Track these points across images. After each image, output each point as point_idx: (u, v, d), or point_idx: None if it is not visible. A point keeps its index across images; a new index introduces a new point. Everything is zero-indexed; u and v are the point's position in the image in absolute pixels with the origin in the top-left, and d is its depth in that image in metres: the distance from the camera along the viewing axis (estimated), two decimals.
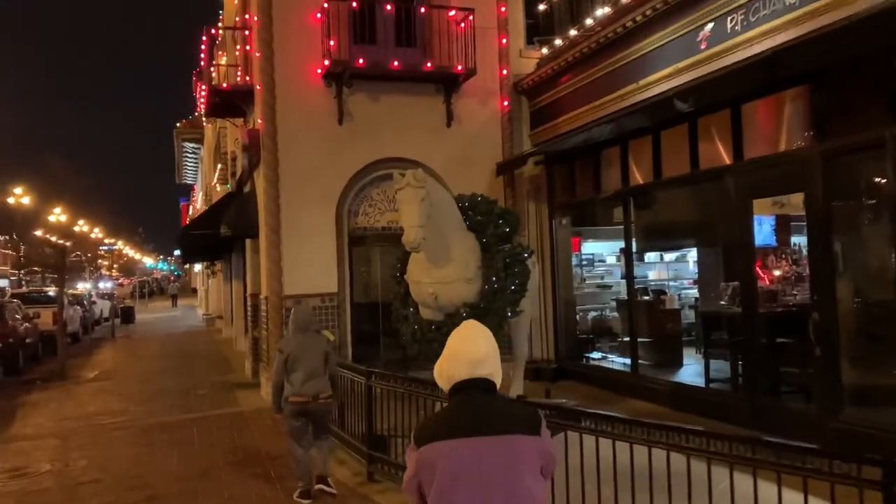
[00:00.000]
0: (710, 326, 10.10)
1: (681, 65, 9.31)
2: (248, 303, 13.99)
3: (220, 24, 16.74)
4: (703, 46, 8.96)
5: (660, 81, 9.63)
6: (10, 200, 38.06)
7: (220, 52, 16.12)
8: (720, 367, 9.62)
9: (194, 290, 64.39)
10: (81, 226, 50.36)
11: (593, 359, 12.00)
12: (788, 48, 7.41)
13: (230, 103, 12.51)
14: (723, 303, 9.84)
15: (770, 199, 9.70)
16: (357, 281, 11.70)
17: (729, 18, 8.52)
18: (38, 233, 44.60)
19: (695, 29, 9.01)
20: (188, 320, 36.33)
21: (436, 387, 3.16)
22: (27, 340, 17.96)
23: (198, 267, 49.30)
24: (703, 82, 8.54)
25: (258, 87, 11.21)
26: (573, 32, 11.40)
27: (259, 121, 11.19)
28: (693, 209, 10.35)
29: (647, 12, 9.58)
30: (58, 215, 43.73)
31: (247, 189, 13.17)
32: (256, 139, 11.12)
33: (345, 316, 11.34)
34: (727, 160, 8.85)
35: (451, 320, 7.04)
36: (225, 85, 12.26)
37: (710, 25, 8.80)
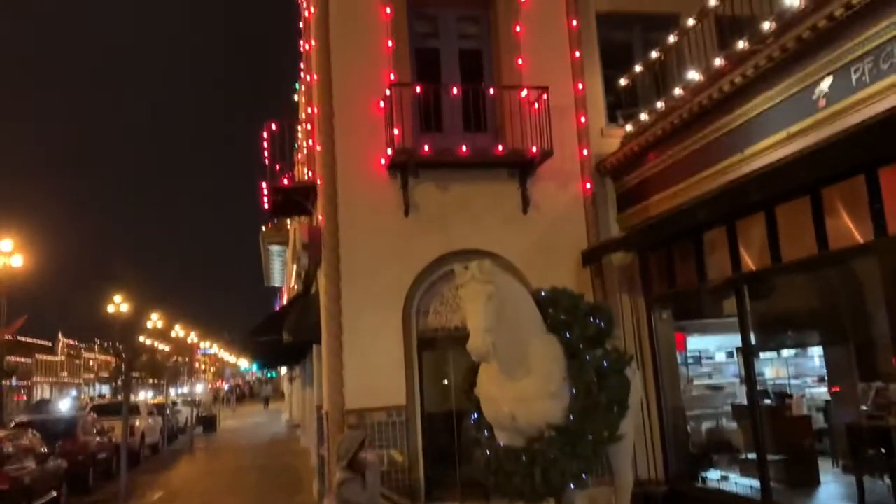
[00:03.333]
0: (858, 439, 8.25)
1: (794, 129, 7.94)
2: (316, 415, 12.91)
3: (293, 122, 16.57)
4: (821, 105, 7.60)
5: (770, 149, 8.26)
6: (110, 308, 39.15)
7: (296, 152, 15.86)
8: (874, 489, 7.76)
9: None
10: (178, 330, 51.60)
11: (711, 479, 10.09)
12: None
13: (293, 201, 11.88)
14: (865, 408, 8.08)
15: None
16: (428, 389, 10.43)
17: (853, 69, 7.16)
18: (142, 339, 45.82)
19: (810, 86, 7.68)
20: (273, 426, 35.60)
21: None
22: (100, 456, 17.35)
23: (283, 370, 49.20)
24: (828, 146, 7.14)
25: (319, 181, 10.50)
26: (660, 105, 10.22)
27: (320, 217, 10.41)
28: (821, 296, 8.72)
29: (748, 72, 8.33)
30: (155, 321, 44.85)
31: (312, 290, 12.33)
32: (317, 236, 10.33)
33: (415, 431, 10.03)
34: (864, 237, 7.29)
35: (534, 446, 5.64)
36: (286, 182, 11.69)
37: (829, 80, 7.46)
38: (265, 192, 11.49)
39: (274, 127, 11.40)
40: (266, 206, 11.93)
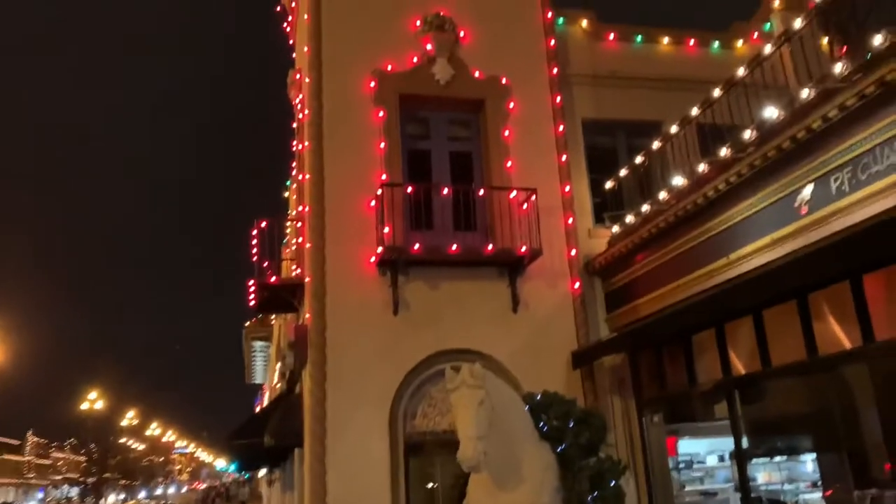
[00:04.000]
0: None
1: (778, 234, 8.11)
2: None
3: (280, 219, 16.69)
4: (803, 212, 7.78)
5: (755, 254, 8.39)
6: (84, 406, 38.12)
7: (284, 248, 15.88)
8: None
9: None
10: (154, 429, 50.11)
11: None
12: None
13: (280, 298, 11.81)
14: None
15: None
16: (415, 496, 10.06)
17: (833, 178, 7.38)
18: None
19: (791, 193, 7.89)
20: None
21: None
22: None
23: (262, 471, 47.50)
24: (812, 254, 7.25)
25: (307, 278, 10.48)
26: (645, 208, 10.43)
27: (307, 315, 10.33)
28: (813, 401, 8.65)
29: (732, 179, 8.57)
30: (130, 419, 43.59)
31: (297, 390, 12.07)
32: (304, 335, 10.20)
33: None
34: (852, 343, 7.31)
35: None
36: (274, 279, 11.64)
37: (810, 188, 7.67)
38: (252, 288, 11.43)
39: (264, 224, 11.46)
40: (252, 303, 11.84)
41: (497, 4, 12.12)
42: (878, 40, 6.69)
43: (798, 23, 8.26)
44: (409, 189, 10.74)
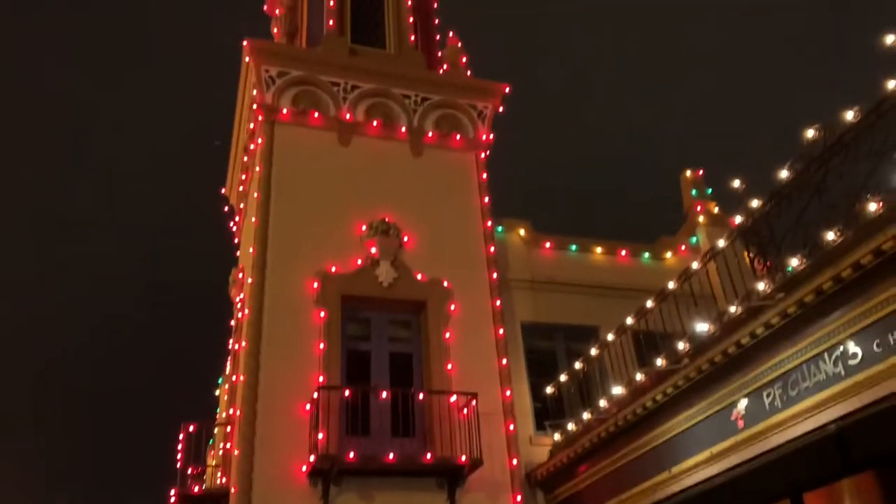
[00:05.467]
0: None
1: (716, 448, 8.06)
2: None
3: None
4: (740, 426, 7.79)
5: (696, 468, 8.26)
6: None
7: (210, 450, 14.94)
8: None
9: None
10: None
11: None
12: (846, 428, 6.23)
13: None
14: None
15: None
16: None
17: (765, 393, 7.49)
18: None
19: (727, 406, 7.95)
20: None
21: None
22: None
23: None
24: (750, 472, 7.20)
25: (233, 489, 9.79)
26: (586, 416, 10.32)
27: None
28: None
29: (668, 390, 8.62)
30: None
31: None
32: None
33: None
34: None
35: None
36: (197, 489, 10.82)
37: (745, 402, 7.75)
38: (173, 499, 10.58)
39: (192, 428, 10.87)
40: None
41: (440, 212, 12.66)
42: (794, 262, 7.12)
43: (721, 242, 8.77)
44: (347, 393, 10.45)
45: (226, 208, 15.97)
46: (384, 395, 10.67)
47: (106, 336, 39.54)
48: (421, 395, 10.97)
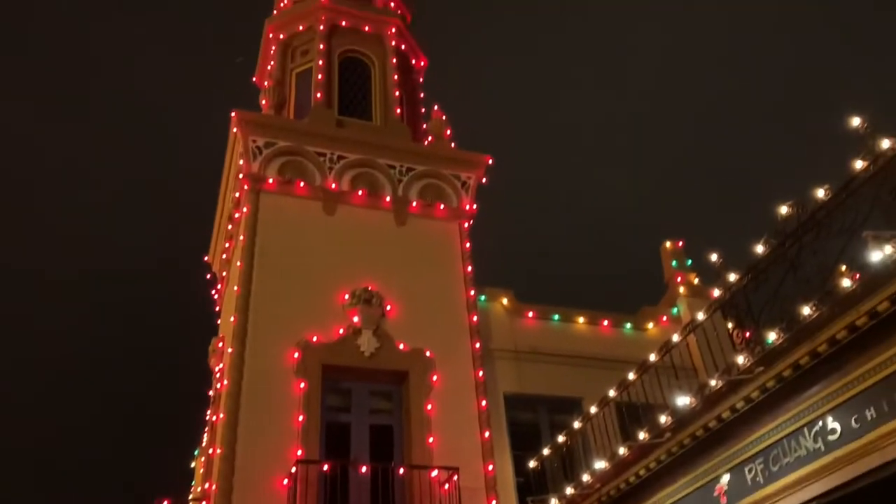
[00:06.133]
0: None
1: None
2: None
3: None
4: (723, 501, 7.70)
5: None
6: None
7: None
8: None
9: None
10: None
11: None
12: None
13: None
14: None
15: None
16: None
17: (747, 469, 7.45)
18: None
19: (710, 481, 7.90)
20: None
21: None
22: None
23: None
24: None
25: None
26: (569, 491, 10.16)
27: None
28: None
29: (651, 465, 8.55)
30: None
31: None
32: None
33: None
34: None
35: None
36: None
37: (727, 477, 7.69)
38: None
39: (166, 503, 10.57)
40: None
41: (423, 281, 12.68)
42: (772, 336, 7.17)
43: (701, 315, 8.84)
44: (326, 467, 10.23)
45: (208, 276, 15.93)
46: (364, 469, 10.45)
47: (77, 405, 38.61)
48: (402, 470, 10.75)
